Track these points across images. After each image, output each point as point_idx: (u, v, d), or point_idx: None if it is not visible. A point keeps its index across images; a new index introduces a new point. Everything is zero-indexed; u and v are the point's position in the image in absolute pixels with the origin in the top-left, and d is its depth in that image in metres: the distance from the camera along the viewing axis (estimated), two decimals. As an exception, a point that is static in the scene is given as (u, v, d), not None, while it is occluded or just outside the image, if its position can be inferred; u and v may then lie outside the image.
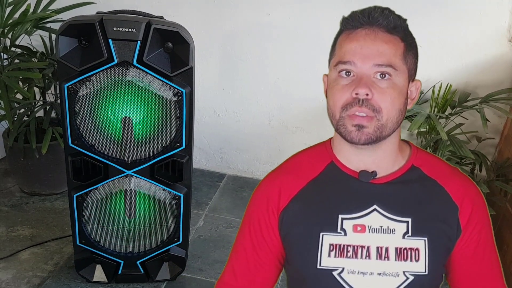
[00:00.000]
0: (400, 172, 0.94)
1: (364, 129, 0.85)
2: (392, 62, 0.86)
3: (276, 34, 2.40)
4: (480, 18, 2.18)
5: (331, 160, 0.96)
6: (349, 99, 0.85)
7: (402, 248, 0.90)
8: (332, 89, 0.88)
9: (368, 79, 0.85)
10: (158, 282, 1.94)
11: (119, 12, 1.59)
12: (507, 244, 2.02)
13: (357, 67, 0.85)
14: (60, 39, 1.52)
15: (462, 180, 0.97)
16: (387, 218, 0.91)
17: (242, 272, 0.99)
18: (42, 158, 2.29)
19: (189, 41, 1.56)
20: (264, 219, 0.96)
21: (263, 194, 0.98)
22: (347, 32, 0.89)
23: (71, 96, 1.56)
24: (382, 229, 0.90)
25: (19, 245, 2.11)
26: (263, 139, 2.68)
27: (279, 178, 0.98)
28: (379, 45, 0.85)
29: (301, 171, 0.97)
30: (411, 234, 0.90)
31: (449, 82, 2.24)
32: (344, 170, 0.94)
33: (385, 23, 0.87)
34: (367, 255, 0.90)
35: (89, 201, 1.73)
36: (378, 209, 0.92)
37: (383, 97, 0.85)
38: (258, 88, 2.57)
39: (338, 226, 0.91)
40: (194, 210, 2.39)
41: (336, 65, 0.88)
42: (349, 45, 0.87)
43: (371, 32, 0.86)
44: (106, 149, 1.66)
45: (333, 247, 0.90)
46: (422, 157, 0.98)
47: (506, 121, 2.29)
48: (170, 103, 1.61)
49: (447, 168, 0.98)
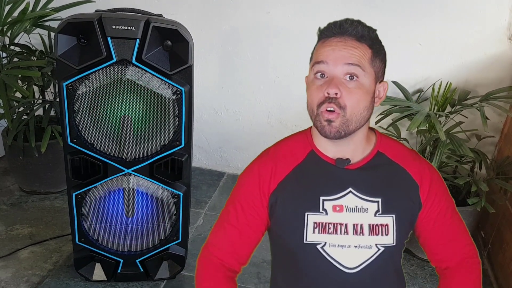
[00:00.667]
0: (369, 158, 1.09)
1: (332, 123, 1.00)
2: (361, 63, 0.99)
3: (276, 32, 2.40)
4: (480, 17, 2.18)
5: (311, 149, 1.11)
6: (322, 97, 1.00)
7: (374, 225, 1.06)
8: (310, 89, 1.03)
9: (338, 80, 0.99)
10: (157, 281, 1.94)
11: (118, 10, 1.58)
12: (506, 242, 2.02)
13: (329, 67, 0.99)
14: (59, 37, 1.51)
15: (419, 161, 1.13)
16: (361, 199, 1.07)
17: (230, 239, 1.12)
18: (41, 157, 2.29)
19: (188, 39, 1.55)
20: (258, 197, 1.10)
21: (255, 177, 1.11)
22: (322, 40, 1.03)
23: (70, 94, 1.56)
24: (357, 208, 1.06)
25: (18, 244, 2.11)
26: (262, 138, 2.67)
27: (269, 164, 1.11)
28: (349, 49, 0.99)
29: (287, 158, 1.11)
30: (381, 212, 1.07)
31: (449, 80, 2.24)
32: (323, 158, 1.09)
33: (354, 33, 1.01)
34: (345, 231, 1.06)
35: (88, 199, 1.73)
36: (353, 191, 1.07)
37: (349, 96, 0.99)
38: (258, 86, 2.56)
39: (320, 206, 1.06)
40: (193, 208, 2.39)
41: (312, 66, 1.03)
42: (323, 49, 1.01)
43: (341, 40, 1.01)
44: (105, 147, 1.66)
45: (316, 225, 1.06)
46: (386, 143, 1.13)
47: (506, 120, 2.29)
48: (169, 101, 1.60)
49: (406, 152, 1.14)
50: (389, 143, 1.14)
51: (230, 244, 1.12)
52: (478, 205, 1.91)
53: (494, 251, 2.15)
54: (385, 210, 1.07)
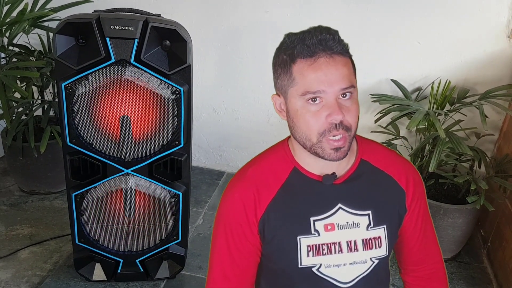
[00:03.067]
0: (353, 169, 1.05)
1: (341, 149, 0.94)
2: (352, 82, 0.94)
3: (275, 31, 2.38)
4: (479, 14, 2.18)
5: (294, 166, 1.04)
6: (324, 124, 0.93)
7: (367, 239, 1.04)
8: (303, 115, 0.95)
9: (337, 103, 0.92)
10: (157, 281, 1.94)
11: (117, 10, 1.58)
12: (506, 240, 2.02)
13: (326, 93, 0.92)
14: (58, 37, 1.51)
15: (402, 164, 1.10)
16: (351, 214, 1.03)
17: (233, 273, 1.07)
18: (40, 157, 2.29)
19: (186, 39, 1.55)
20: (246, 227, 1.03)
21: (239, 204, 1.03)
22: (304, 61, 0.93)
23: (68, 95, 1.56)
24: (348, 225, 1.03)
25: (18, 244, 2.11)
26: (262, 137, 2.67)
27: (251, 189, 1.03)
28: (341, 69, 0.92)
29: (268, 180, 1.04)
30: (373, 225, 1.04)
31: (448, 78, 2.24)
32: (308, 175, 1.03)
33: (340, 49, 0.93)
34: (339, 250, 1.03)
35: (88, 200, 1.73)
36: (343, 206, 1.03)
37: (350, 114, 0.94)
38: (257, 85, 2.56)
39: (311, 228, 1.02)
40: (193, 208, 2.40)
41: (304, 95, 0.93)
42: (313, 75, 0.92)
43: (330, 59, 0.92)
44: (104, 147, 1.65)
45: (310, 248, 1.02)
46: (367, 149, 1.08)
47: (505, 118, 2.29)
48: (168, 101, 1.60)
49: (388, 155, 1.11)
50: (370, 147, 1.10)
51: (231, 283, 1.07)
52: (477, 203, 1.91)
53: (493, 249, 2.15)
54: (376, 222, 1.04)
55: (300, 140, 0.98)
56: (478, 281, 2.08)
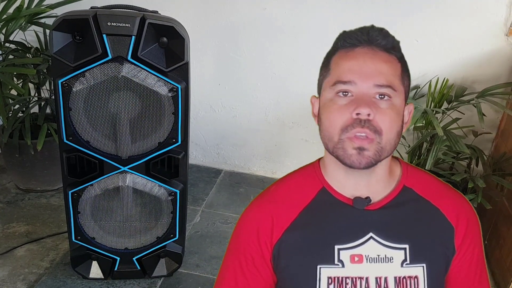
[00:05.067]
0: (393, 195, 0.92)
1: (365, 152, 0.82)
2: (392, 83, 0.83)
3: (273, 29, 2.39)
4: (477, 12, 2.17)
5: (322, 186, 0.93)
6: (349, 120, 0.81)
7: (401, 277, 0.88)
8: (329, 109, 0.84)
9: (369, 99, 0.82)
10: (154, 278, 1.94)
11: (113, 7, 1.57)
12: (503, 238, 2.02)
13: (357, 86, 0.82)
14: (54, 34, 1.50)
15: (455, 198, 0.95)
16: (384, 246, 0.89)
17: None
18: (37, 155, 2.28)
19: (184, 36, 1.55)
20: (256, 251, 0.92)
21: (253, 225, 0.93)
22: (344, 50, 0.85)
23: (65, 92, 1.55)
24: (379, 258, 0.88)
25: (14, 242, 2.10)
26: (260, 135, 2.67)
27: (269, 208, 0.93)
28: (379, 64, 0.83)
29: (292, 199, 0.93)
30: (409, 262, 0.89)
31: (445, 76, 2.24)
32: (337, 197, 0.91)
33: (384, 43, 0.85)
34: (366, 286, 0.88)
35: (85, 197, 1.72)
36: (375, 236, 0.89)
37: (383, 117, 0.82)
38: (255, 83, 2.56)
39: (335, 257, 0.88)
40: (190, 206, 2.39)
41: (334, 85, 0.84)
42: (347, 63, 0.83)
43: (370, 51, 0.83)
44: (101, 145, 1.65)
45: (331, 280, 0.88)
46: (413, 176, 0.95)
47: (503, 116, 2.29)
48: (165, 98, 1.60)
49: (439, 186, 0.96)
50: (417, 175, 0.95)
51: None
52: (475, 201, 1.91)
53: (491, 247, 2.16)
54: (414, 258, 0.88)
55: (324, 142, 0.87)
56: (475, 279, 2.08)
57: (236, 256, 0.94)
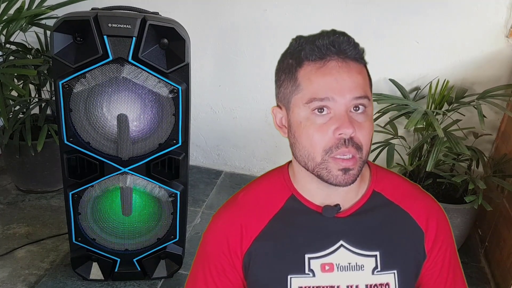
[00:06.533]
0: (362, 201, 0.90)
1: (350, 172, 0.80)
2: (367, 93, 0.81)
3: (273, 30, 2.39)
4: (478, 14, 2.18)
5: (291, 193, 0.91)
6: (331, 140, 0.79)
7: (372, 285, 0.88)
8: (306, 129, 0.81)
9: (348, 116, 0.79)
10: (155, 280, 1.94)
11: (114, 8, 1.58)
12: (503, 240, 2.02)
13: (335, 102, 0.78)
14: (55, 35, 1.50)
15: (424, 200, 0.94)
16: (354, 254, 0.88)
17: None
18: (37, 156, 2.28)
19: (184, 38, 1.55)
20: (227, 261, 0.91)
21: (222, 235, 0.91)
22: (313, 64, 0.80)
23: (66, 93, 1.55)
24: (350, 266, 0.87)
25: (15, 243, 2.10)
26: (260, 136, 2.67)
27: (238, 218, 0.91)
28: (354, 77, 0.79)
29: (260, 207, 0.91)
30: (380, 269, 0.88)
31: (446, 78, 2.24)
32: (307, 205, 0.89)
33: (354, 53, 0.81)
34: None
35: (85, 199, 1.72)
36: (345, 244, 0.88)
37: (364, 132, 0.80)
38: (255, 84, 2.56)
39: (305, 267, 0.87)
40: (191, 207, 2.39)
41: (309, 102, 0.80)
42: (322, 80, 0.79)
43: (343, 64, 0.79)
44: (101, 146, 1.65)
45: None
46: (382, 179, 0.93)
47: (503, 117, 2.29)
48: (166, 100, 1.60)
49: (407, 188, 0.95)
50: (386, 178, 0.94)
51: None
52: (475, 203, 1.91)
53: (491, 248, 2.15)
54: (385, 265, 0.88)
55: (301, 160, 0.84)
56: (476, 280, 2.08)
57: (206, 266, 0.93)
